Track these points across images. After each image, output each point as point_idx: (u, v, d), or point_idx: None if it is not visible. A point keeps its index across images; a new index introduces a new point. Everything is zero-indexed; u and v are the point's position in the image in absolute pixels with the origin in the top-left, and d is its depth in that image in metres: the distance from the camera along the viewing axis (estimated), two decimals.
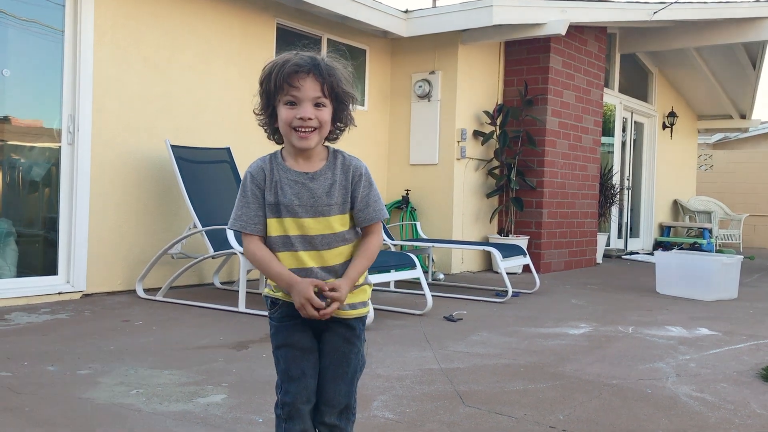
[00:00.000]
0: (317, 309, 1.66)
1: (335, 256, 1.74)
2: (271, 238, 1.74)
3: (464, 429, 2.53)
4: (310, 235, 1.71)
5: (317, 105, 1.68)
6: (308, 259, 1.72)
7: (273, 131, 1.76)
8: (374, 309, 4.40)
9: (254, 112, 1.78)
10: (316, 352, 1.78)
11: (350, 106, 1.75)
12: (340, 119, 1.74)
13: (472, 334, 4.29)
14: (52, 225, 5.17)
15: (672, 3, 8.24)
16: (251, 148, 6.30)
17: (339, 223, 1.73)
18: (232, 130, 6.23)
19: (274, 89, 1.69)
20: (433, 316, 4.82)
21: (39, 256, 5.21)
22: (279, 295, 1.76)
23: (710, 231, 12.08)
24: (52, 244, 5.14)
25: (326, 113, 1.69)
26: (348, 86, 1.72)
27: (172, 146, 5.41)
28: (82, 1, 5.09)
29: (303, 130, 1.67)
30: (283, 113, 1.69)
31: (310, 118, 1.66)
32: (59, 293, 5.01)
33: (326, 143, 1.78)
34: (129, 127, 5.46)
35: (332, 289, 1.67)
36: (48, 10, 5.06)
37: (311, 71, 1.66)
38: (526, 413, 2.72)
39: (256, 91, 1.76)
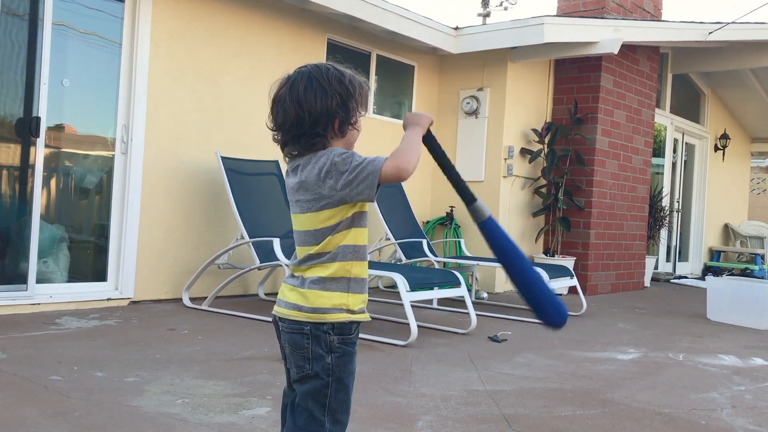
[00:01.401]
0: None
1: None
2: (364, 213, 1.71)
3: None
4: None
5: None
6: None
7: (319, 137, 1.67)
8: (418, 326, 4.37)
9: (351, 124, 1.71)
10: None
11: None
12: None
13: (517, 355, 4.22)
14: (102, 232, 5.27)
15: (728, 23, 8.07)
16: None
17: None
18: None
19: (363, 100, 1.74)
20: (478, 336, 4.76)
21: (89, 262, 5.31)
22: (358, 317, 1.68)
23: (762, 257, 11.73)
24: (102, 251, 5.24)
25: None
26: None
27: (223, 158, 5.48)
28: (140, 15, 5.21)
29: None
30: (360, 125, 1.75)
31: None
32: (108, 299, 5.10)
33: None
34: (181, 138, 5.55)
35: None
36: (107, 22, 5.19)
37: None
38: None
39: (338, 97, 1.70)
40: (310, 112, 1.67)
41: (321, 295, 1.65)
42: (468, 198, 1.80)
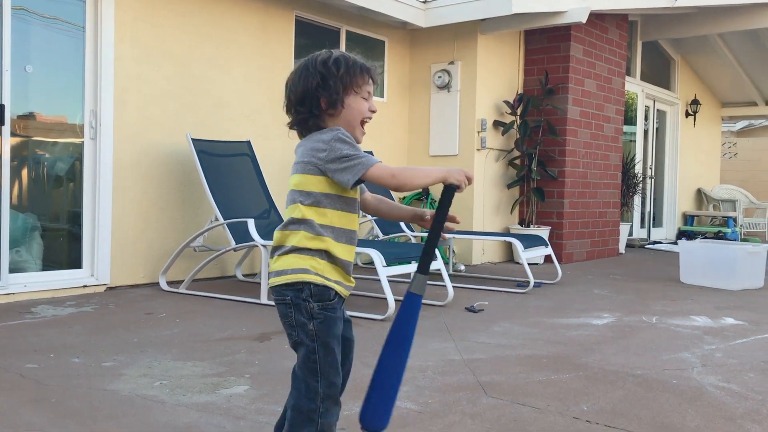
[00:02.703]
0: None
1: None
2: (337, 197, 1.80)
3: (487, 420, 2.52)
4: (355, 197, 1.86)
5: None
6: (351, 220, 1.84)
7: (315, 116, 1.81)
8: (395, 300, 4.40)
9: (330, 103, 1.80)
10: None
11: None
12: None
13: (493, 325, 4.27)
14: (76, 219, 5.22)
15: None
16: (271, 141, 6.32)
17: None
18: (252, 123, 6.25)
19: (352, 81, 1.80)
20: (455, 307, 4.81)
21: (64, 249, 5.27)
22: (334, 285, 1.80)
23: (735, 220, 11.92)
24: (76, 238, 5.20)
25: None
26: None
27: (194, 140, 5.44)
28: None
29: (368, 120, 1.85)
30: (358, 104, 1.83)
31: (374, 111, 1.86)
32: (84, 286, 5.07)
33: None
34: (150, 122, 5.49)
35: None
36: (69, 6, 5.10)
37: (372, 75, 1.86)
38: (550, 404, 2.70)
39: (317, 78, 1.80)
40: (294, 92, 1.83)
41: (298, 258, 1.78)
42: (424, 267, 1.85)
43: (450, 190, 1.81)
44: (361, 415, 1.84)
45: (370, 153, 6.16)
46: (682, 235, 11.48)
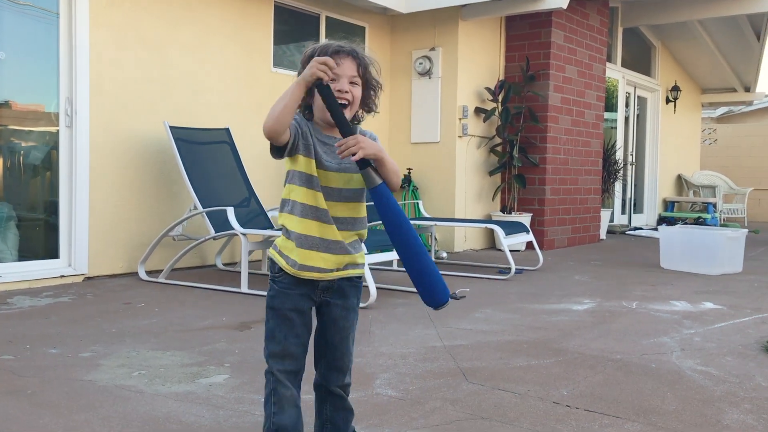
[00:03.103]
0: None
1: (346, 209, 1.89)
2: (298, 173, 1.86)
3: (467, 406, 2.51)
4: (330, 186, 1.86)
5: (352, 83, 1.87)
6: (325, 205, 1.86)
7: (305, 107, 1.90)
8: (377, 288, 4.39)
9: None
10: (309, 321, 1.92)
11: (377, 94, 1.96)
12: (367, 103, 1.94)
13: (475, 311, 4.28)
14: (52, 208, 5.15)
15: None
16: (249, 128, 6.26)
17: (357, 179, 1.88)
18: (231, 110, 6.19)
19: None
20: None
21: (40, 239, 5.20)
22: (283, 264, 1.88)
23: (714, 205, 12.03)
24: (53, 228, 5.13)
25: (358, 91, 1.89)
26: (378, 76, 1.95)
27: (171, 127, 5.37)
28: None
29: (340, 101, 1.82)
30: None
31: (346, 91, 1.85)
32: (61, 276, 5.01)
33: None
34: (127, 109, 5.42)
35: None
36: None
37: (351, 53, 1.88)
38: (530, 389, 2.71)
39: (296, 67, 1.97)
40: None
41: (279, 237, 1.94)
42: (362, 163, 1.80)
43: (319, 88, 1.78)
44: (423, 299, 1.90)
45: None
46: (662, 220, 11.57)
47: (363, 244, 2.01)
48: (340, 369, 1.95)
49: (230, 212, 4.91)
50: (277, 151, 1.83)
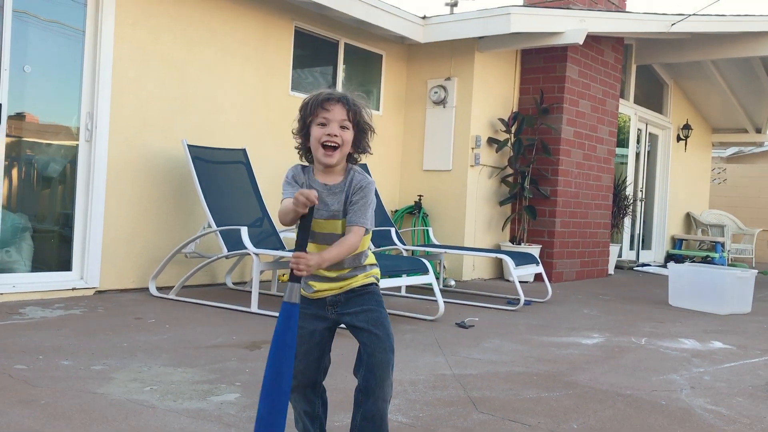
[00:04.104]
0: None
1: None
2: None
3: None
4: (320, 232, 2.09)
5: (342, 127, 2.07)
6: (312, 248, 2.08)
7: (306, 151, 2.14)
8: (388, 313, 4.39)
9: (292, 132, 2.17)
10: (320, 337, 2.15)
11: (368, 137, 2.17)
12: (359, 145, 2.14)
13: (484, 341, 4.28)
14: (67, 221, 5.20)
15: (690, 15, 8.22)
16: (265, 149, 6.33)
17: (343, 226, 2.09)
18: (247, 131, 6.26)
19: (310, 113, 2.08)
20: (445, 322, 4.81)
21: (54, 251, 5.24)
22: (302, 291, 2.11)
23: (723, 245, 12.01)
24: (66, 240, 5.17)
25: (348, 135, 2.09)
26: (368, 120, 2.15)
27: (189, 146, 5.43)
28: (103, 1, 5.13)
29: (329, 144, 2.05)
30: (315, 132, 2.07)
31: (336, 135, 2.05)
32: (73, 289, 5.04)
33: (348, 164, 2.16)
34: (146, 126, 5.49)
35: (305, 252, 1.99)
36: (70, 9, 5.11)
37: (340, 100, 2.07)
38: (540, 421, 2.71)
39: (295, 117, 2.15)
40: None
41: None
42: (293, 276, 1.95)
43: (302, 219, 1.97)
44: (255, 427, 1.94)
45: (364, 166, 6.18)
46: (670, 258, 11.55)
47: (368, 257, 2.18)
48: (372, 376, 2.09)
49: (244, 232, 4.95)
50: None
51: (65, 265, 5.15)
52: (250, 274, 6.12)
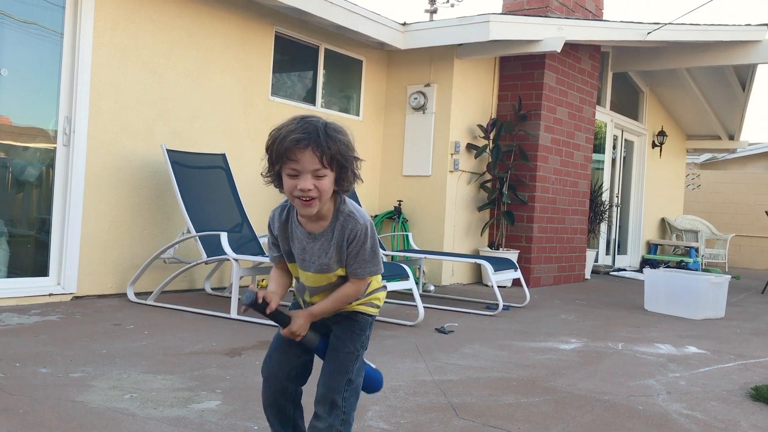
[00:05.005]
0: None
1: (322, 297, 2.01)
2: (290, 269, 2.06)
3: None
4: (308, 284, 2.00)
5: (317, 176, 1.79)
6: (306, 295, 2.06)
7: (280, 185, 1.86)
8: None
9: (261, 175, 1.90)
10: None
11: (355, 167, 1.87)
12: (343, 184, 1.85)
13: (463, 346, 4.31)
14: (43, 226, 5.14)
15: (666, 24, 8.35)
16: (245, 154, 6.32)
17: (339, 275, 1.96)
18: (227, 136, 6.24)
19: (276, 159, 1.81)
20: (425, 328, 4.83)
21: (30, 256, 5.18)
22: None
23: (697, 250, 12.19)
24: (43, 245, 5.12)
25: (326, 182, 1.80)
26: (350, 152, 1.84)
27: (168, 151, 5.41)
28: (82, 4, 5.10)
29: (304, 198, 1.80)
30: (286, 183, 1.82)
31: (309, 189, 1.78)
32: (50, 295, 4.99)
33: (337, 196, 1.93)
34: (125, 131, 5.45)
35: (289, 316, 1.96)
36: (48, 11, 5.06)
37: (309, 144, 1.75)
38: (520, 427, 2.74)
39: (263, 155, 1.89)
40: None
41: None
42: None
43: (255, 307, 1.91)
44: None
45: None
46: (645, 262, 11.70)
47: (370, 284, 2.06)
48: (322, 384, 1.99)
49: (224, 237, 4.93)
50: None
51: (42, 270, 5.09)
52: (229, 279, 6.10)
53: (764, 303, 7.77)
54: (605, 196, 10.25)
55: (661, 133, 12.04)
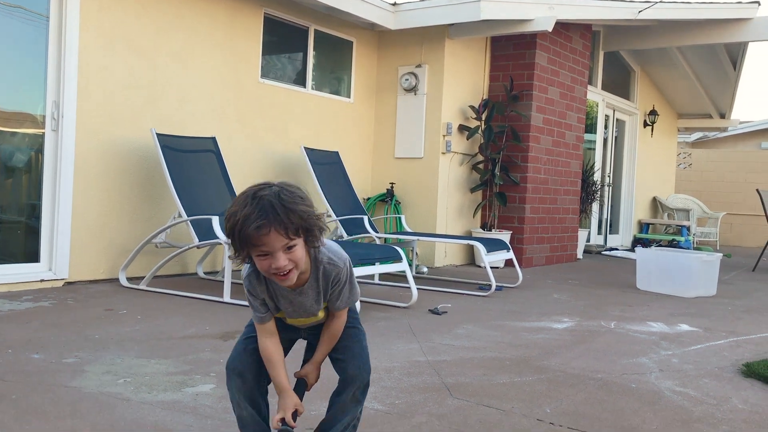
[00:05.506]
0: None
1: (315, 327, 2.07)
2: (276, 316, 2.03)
3: (453, 421, 2.55)
4: (302, 326, 2.06)
5: (289, 248, 1.73)
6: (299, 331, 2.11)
7: (248, 259, 1.80)
8: (360, 301, 4.41)
9: (229, 258, 1.94)
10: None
11: (320, 225, 1.79)
12: (312, 240, 1.80)
13: (457, 327, 4.32)
14: (33, 211, 5.11)
15: (657, 2, 8.31)
16: (234, 138, 6.28)
17: (324, 312, 2.02)
18: (217, 119, 6.20)
19: (241, 246, 1.74)
20: (418, 309, 4.84)
21: (20, 243, 5.15)
22: None
23: (688, 228, 12.24)
24: (34, 231, 5.09)
25: (299, 250, 1.76)
26: (312, 215, 1.75)
27: (158, 135, 5.36)
28: None
29: (281, 273, 1.76)
30: (259, 263, 1.77)
31: (285, 265, 1.74)
32: (41, 281, 4.96)
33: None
34: (114, 114, 5.40)
35: (304, 377, 2.07)
36: None
37: (271, 227, 1.68)
38: (514, 406, 2.75)
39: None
40: None
41: None
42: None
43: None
44: None
45: (336, 155, 6.12)
46: (637, 242, 11.74)
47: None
48: (355, 366, 2.07)
49: (215, 221, 4.91)
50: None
51: (33, 256, 5.06)
52: (221, 263, 6.09)
53: (755, 280, 7.82)
54: (597, 176, 10.26)
55: (653, 113, 12.04)
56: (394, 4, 7.36)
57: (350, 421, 2.02)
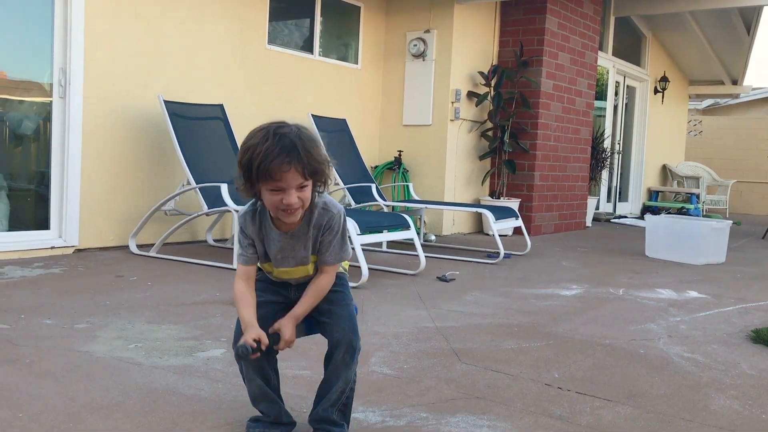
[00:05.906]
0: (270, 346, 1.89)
1: (304, 283, 2.01)
2: (264, 268, 2.03)
3: (461, 385, 2.56)
4: (292, 281, 2.01)
5: (301, 187, 1.79)
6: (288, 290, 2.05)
7: (254, 194, 1.83)
8: (368, 268, 4.43)
9: (237, 189, 1.86)
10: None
11: (326, 171, 1.83)
12: (321, 185, 1.85)
13: (465, 294, 4.33)
14: (43, 179, 5.12)
15: None
16: (243, 105, 6.25)
17: (313, 265, 1.99)
18: (225, 86, 6.16)
19: (257, 177, 1.76)
20: (426, 276, 4.85)
21: (31, 210, 5.17)
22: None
23: (698, 196, 12.18)
24: (43, 199, 5.11)
25: (308, 191, 1.82)
26: (326, 162, 1.81)
27: (166, 102, 5.35)
28: None
29: (289, 210, 1.81)
30: (268, 197, 1.80)
31: (295, 203, 1.79)
32: (51, 248, 5.00)
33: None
34: (121, 82, 5.38)
35: (277, 331, 1.91)
36: None
37: (292, 163, 1.73)
38: (522, 371, 2.76)
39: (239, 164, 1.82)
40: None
41: None
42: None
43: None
44: None
45: (343, 122, 6.09)
46: (646, 209, 11.70)
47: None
48: (340, 328, 2.01)
49: (224, 189, 4.91)
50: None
51: (43, 223, 5.09)
52: (231, 230, 6.10)
53: (765, 248, 7.79)
54: (607, 143, 10.18)
55: (664, 79, 11.90)
56: None
57: (345, 385, 1.96)
